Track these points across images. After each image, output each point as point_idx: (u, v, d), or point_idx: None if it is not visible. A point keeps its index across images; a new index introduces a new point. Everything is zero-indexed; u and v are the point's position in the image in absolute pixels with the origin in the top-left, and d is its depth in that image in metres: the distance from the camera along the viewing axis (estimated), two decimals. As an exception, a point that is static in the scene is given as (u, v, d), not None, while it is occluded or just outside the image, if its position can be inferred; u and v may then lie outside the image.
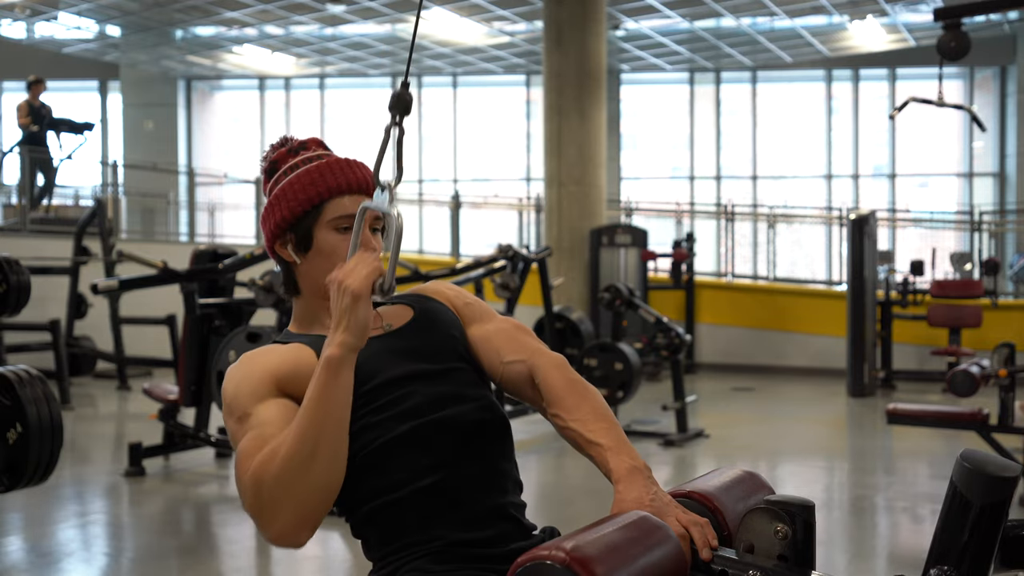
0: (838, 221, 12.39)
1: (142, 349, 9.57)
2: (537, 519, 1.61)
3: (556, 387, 1.52)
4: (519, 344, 1.60)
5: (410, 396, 1.50)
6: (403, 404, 1.49)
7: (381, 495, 1.47)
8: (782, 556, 1.21)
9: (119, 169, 14.67)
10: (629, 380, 6.42)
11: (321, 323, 1.56)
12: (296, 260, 1.55)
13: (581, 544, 1.09)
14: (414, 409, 1.49)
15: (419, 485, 1.46)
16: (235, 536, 4.30)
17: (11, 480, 2.87)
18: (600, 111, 10.88)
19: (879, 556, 4.01)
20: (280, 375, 1.45)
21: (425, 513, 1.46)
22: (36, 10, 13.65)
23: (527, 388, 1.57)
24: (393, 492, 1.47)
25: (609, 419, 1.48)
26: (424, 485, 1.46)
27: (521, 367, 1.57)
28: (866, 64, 16.59)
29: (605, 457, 1.43)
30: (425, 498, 1.46)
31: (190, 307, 5.45)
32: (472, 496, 1.48)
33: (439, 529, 1.45)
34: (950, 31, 5.04)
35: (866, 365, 8.77)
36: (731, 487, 1.42)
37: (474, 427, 1.52)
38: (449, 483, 1.47)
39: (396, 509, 1.47)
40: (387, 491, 1.47)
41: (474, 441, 1.51)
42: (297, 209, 1.52)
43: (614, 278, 10.61)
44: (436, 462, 1.48)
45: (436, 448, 1.48)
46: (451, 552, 1.45)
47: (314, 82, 18.37)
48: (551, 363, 1.55)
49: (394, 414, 1.48)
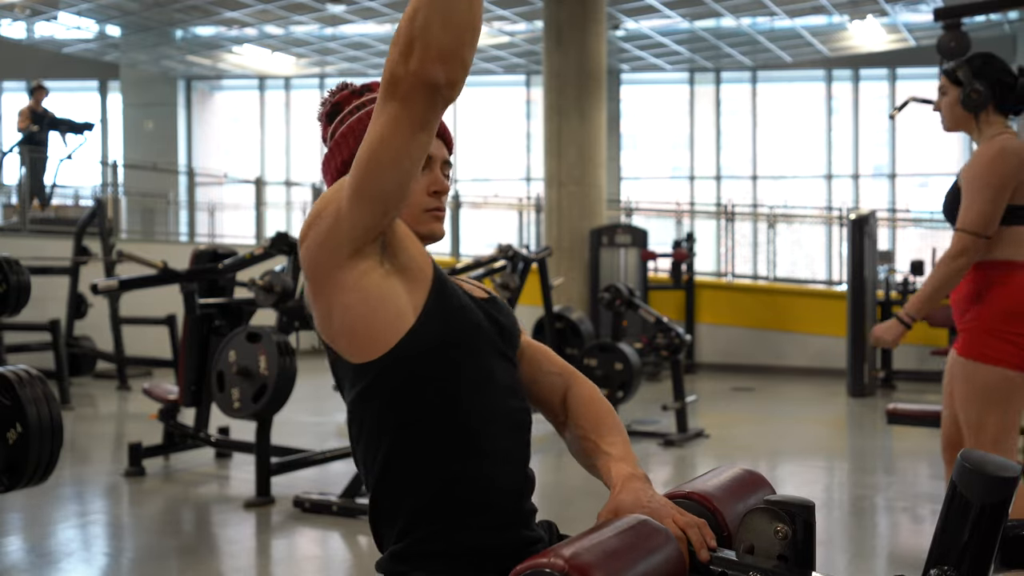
0: (838, 221, 12.39)
1: (142, 349, 9.57)
2: (537, 519, 1.62)
3: (588, 406, 1.60)
4: (556, 359, 1.67)
5: (496, 373, 1.49)
6: (493, 379, 1.48)
7: (432, 471, 1.42)
8: (782, 556, 1.21)
9: (119, 169, 14.68)
10: (629, 380, 6.42)
11: None
12: None
13: (579, 551, 1.09)
14: (502, 389, 1.49)
15: (472, 471, 1.42)
16: (235, 536, 4.30)
17: (11, 480, 2.87)
18: (600, 111, 10.88)
19: (879, 556, 4.01)
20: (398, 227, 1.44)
21: (464, 501, 1.41)
22: (36, 10, 13.65)
23: (555, 400, 1.62)
24: (446, 469, 1.42)
25: (624, 436, 1.56)
26: (475, 471, 1.42)
27: (558, 380, 1.63)
28: (866, 64, 16.59)
29: (609, 465, 1.49)
30: (471, 486, 1.42)
31: (190, 307, 5.45)
32: (513, 490, 1.47)
33: (472, 518, 1.41)
34: (950, 31, 5.04)
35: (866, 365, 8.77)
36: (731, 487, 1.42)
37: (527, 425, 1.54)
38: (502, 475, 1.45)
39: (442, 491, 1.42)
40: (441, 466, 1.42)
41: (524, 438, 1.52)
42: None
43: (614, 278, 10.61)
44: (495, 449, 1.45)
45: (502, 436, 1.47)
46: (465, 559, 1.40)
47: (314, 82, 18.37)
48: (589, 386, 1.64)
49: (482, 381, 1.46)
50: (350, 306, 1.41)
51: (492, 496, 1.43)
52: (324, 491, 4.75)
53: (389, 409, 1.42)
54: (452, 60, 1.26)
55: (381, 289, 1.40)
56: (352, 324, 1.42)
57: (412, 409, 1.42)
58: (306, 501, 4.53)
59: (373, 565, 1.51)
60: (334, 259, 1.39)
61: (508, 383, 1.51)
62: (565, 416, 1.61)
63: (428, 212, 1.53)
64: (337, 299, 1.41)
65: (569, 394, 1.61)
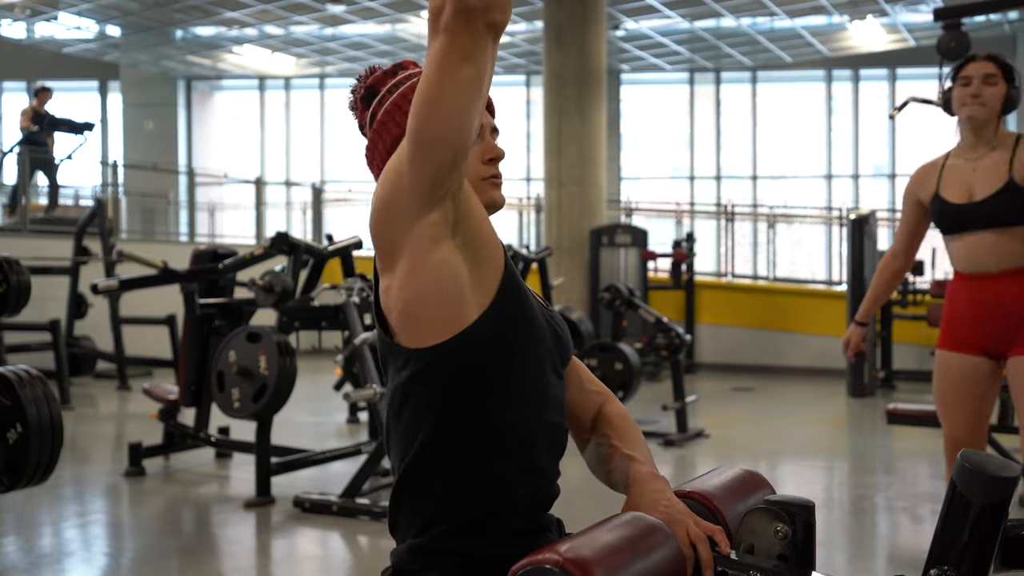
0: (838, 221, 12.39)
1: (142, 349, 9.57)
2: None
3: (619, 421, 1.61)
4: (594, 378, 1.67)
5: (548, 384, 1.46)
6: (543, 391, 1.45)
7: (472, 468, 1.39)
8: (782, 556, 1.21)
9: (119, 169, 14.68)
10: (629, 380, 6.41)
11: None
12: None
13: (576, 546, 1.09)
14: (551, 401, 1.46)
15: (501, 477, 1.40)
16: (235, 536, 4.30)
17: (11, 480, 2.87)
18: (600, 111, 10.88)
19: (879, 556, 4.01)
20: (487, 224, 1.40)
21: (490, 511, 1.39)
22: (36, 10, 13.66)
23: (587, 417, 1.62)
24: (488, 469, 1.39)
25: (648, 450, 1.57)
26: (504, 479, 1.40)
27: (596, 398, 1.63)
28: (866, 64, 16.59)
29: (629, 465, 1.49)
30: (497, 491, 1.39)
31: (190, 307, 5.45)
32: (534, 505, 1.45)
33: (491, 523, 1.39)
34: (950, 31, 5.04)
35: (866, 365, 8.77)
36: (731, 487, 1.42)
37: (563, 444, 1.52)
38: (538, 486, 1.44)
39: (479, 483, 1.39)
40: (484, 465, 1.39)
41: (558, 454, 1.51)
42: None
43: (614, 278, 10.61)
44: (534, 464, 1.44)
45: (545, 451, 1.46)
46: (474, 567, 1.38)
47: (314, 82, 18.37)
48: (621, 407, 1.65)
49: (535, 396, 1.43)
50: (414, 280, 1.34)
51: (519, 506, 1.41)
52: (324, 491, 4.75)
53: (438, 396, 1.37)
54: None
55: (451, 267, 1.33)
56: (413, 303, 1.35)
57: (461, 404, 1.37)
58: (306, 501, 4.53)
59: (373, 565, 1.51)
60: (400, 224, 1.32)
61: (557, 399, 1.48)
62: (591, 432, 1.61)
63: (486, 180, 1.47)
64: (401, 270, 1.35)
65: (601, 411, 1.61)
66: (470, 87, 1.24)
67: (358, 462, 5.08)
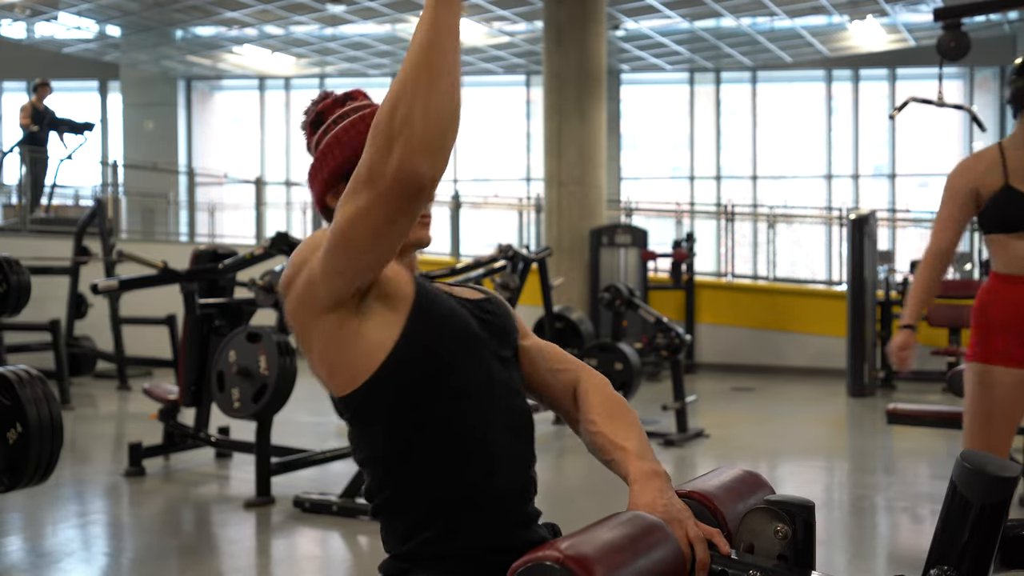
0: (838, 221, 12.39)
1: (142, 349, 9.57)
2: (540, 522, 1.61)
3: (599, 399, 1.57)
4: (564, 355, 1.65)
5: (493, 371, 1.48)
6: (488, 378, 1.46)
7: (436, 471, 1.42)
8: (782, 556, 1.21)
9: (119, 169, 14.68)
10: (629, 380, 6.42)
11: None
12: None
13: (577, 544, 1.09)
14: (499, 386, 1.47)
15: (466, 475, 1.42)
16: (235, 536, 4.30)
17: (11, 480, 2.87)
18: (600, 111, 10.88)
19: (879, 556, 4.01)
20: (385, 275, 1.42)
21: (466, 501, 1.41)
22: (36, 10, 13.66)
23: (567, 397, 1.61)
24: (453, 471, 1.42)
25: (640, 430, 1.54)
26: (469, 476, 1.42)
27: (568, 376, 1.61)
28: (866, 64, 16.59)
29: (627, 459, 1.47)
30: (466, 488, 1.42)
31: (190, 307, 5.45)
32: (513, 490, 1.46)
33: (468, 514, 1.41)
34: (950, 31, 5.04)
35: (866, 365, 8.77)
36: (731, 487, 1.42)
37: (528, 426, 1.52)
38: (501, 475, 1.44)
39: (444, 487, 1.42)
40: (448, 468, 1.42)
41: (525, 438, 1.51)
42: (351, 156, 1.48)
43: (614, 278, 10.61)
44: (496, 451, 1.44)
45: (502, 437, 1.45)
46: (466, 566, 1.40)
47: (314, 82, 18.37)
48: (599, 378, 1.62)
49: (479, 383, 1.44)
50: (329, 349, 1.41)
51: (491, 498, 1.43)
52: (324, 491, 4.75)
53: (383, 426, 1.43)
54: (437, 154, 1.25)
55: (359, 330, 1.40)
56: (332, 363, 1.42)
57: (406, 425, 1.42)
58: (306, 501, 4.53)
59: (373, 565, 1.52)
60: (311, 315, 1.40)
61: (505, 383, 1.50)
62: (577, 412, 1.59)
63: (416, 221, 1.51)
64: (316, 344, 1.42)
65: (579, 389, 1.60)
66: (399, 236, 1.31)
67: (358, 462, 5.07)
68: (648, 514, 1.25)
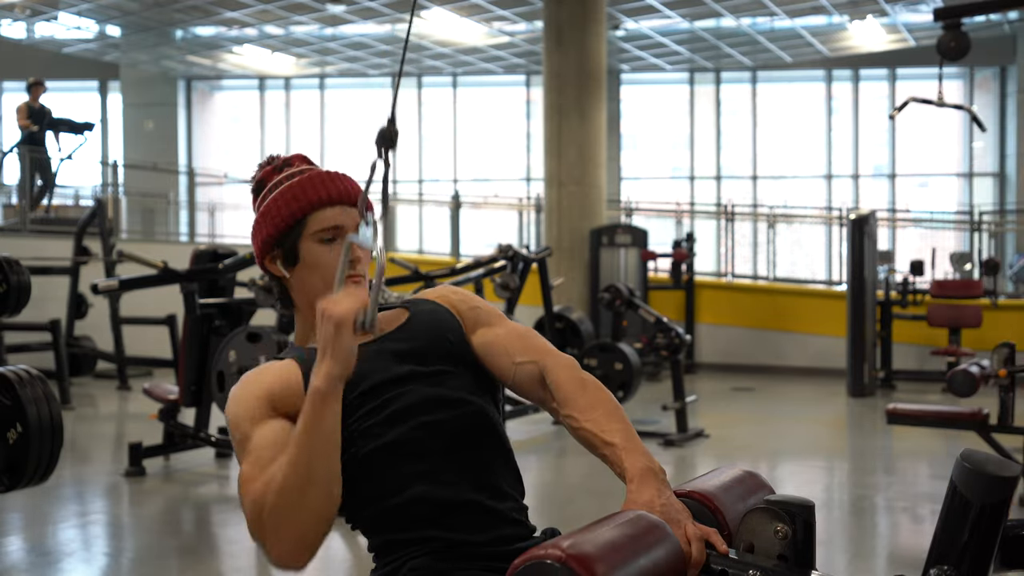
0: (838, 221, 12.39)
1: (142, 349, 9.57)
2: (537, 519, 1.61)
3: (567, 387, 1.51)
4: (529, 344, 1.59)
5: (399, 398, 1.51)
6: (392, 406, 1.50)
7: (375, 502, 1.49)
8: (782, 556, 1.21)
9: (119, 169, 14.68)
10: (629, 380, 6.41)
11: (315, 336, 1.57)
12: (285, 274, 1.58)
13: (579, 542, 1.09)
14: (404, 411, 1.50)
15: (410, 493, 1.47)
16: (235, 536, 4.29)
17: (11, 480, 2.87)
18: (600, 111, 10.88)
19: (879, 556, 4.01)
20: (274, 394, 1.47)
21: (420, 519, 1.47)
22: (36, 10, 13.66)
23: (538, 388, 1.56)
24: (385, 499, 1.48)
25: (622, 419, 1.47)
26: (415, 493, 1.47)
27: (532, 368, 1.56)
28: (866, 64, 16.59)
29: (619, 457, 1.42)
30: (418, 505, 1.47)
31: (190, 307, 5.45)
32: (465, 502, 1.49)
33: (435, 531, 1.47)
34: (950, 31, 5.04)
35: (866, 365, 8.77)
36: (731, 487, 1.42)
37: (463, 433, 1.53)
38: (440, 491, 1.48)
39: (391, 516, 1.48)
40: (380, 498, 1.49)
41: (463, 447, 1.52)
42: (281, 225, 1.55)
43: (614, 278, 10.61)
44: (426, 469, 1.48)
45: (426, 454, 1.49)
46: (453, 551, 1.46)
47: (314, 82, 18.38)
48: (561, 364, 1.55)
49: (382, 419, 1.49)
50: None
51: (454, 502, 1.48)
52: (324, 491, 4.74)
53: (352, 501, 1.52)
54: (303, 554, 1.35)
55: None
56: None
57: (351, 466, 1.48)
58: (306, 501, 4.52)
59: (373, 565, 1.53)
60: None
61: (427, 397, 1.52)
62: (553, 402, 1.55)
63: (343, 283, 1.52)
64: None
65: (547, 379, 1.55)
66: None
67: (358, 462, 5.07)
68: (648, 513, 1.25)
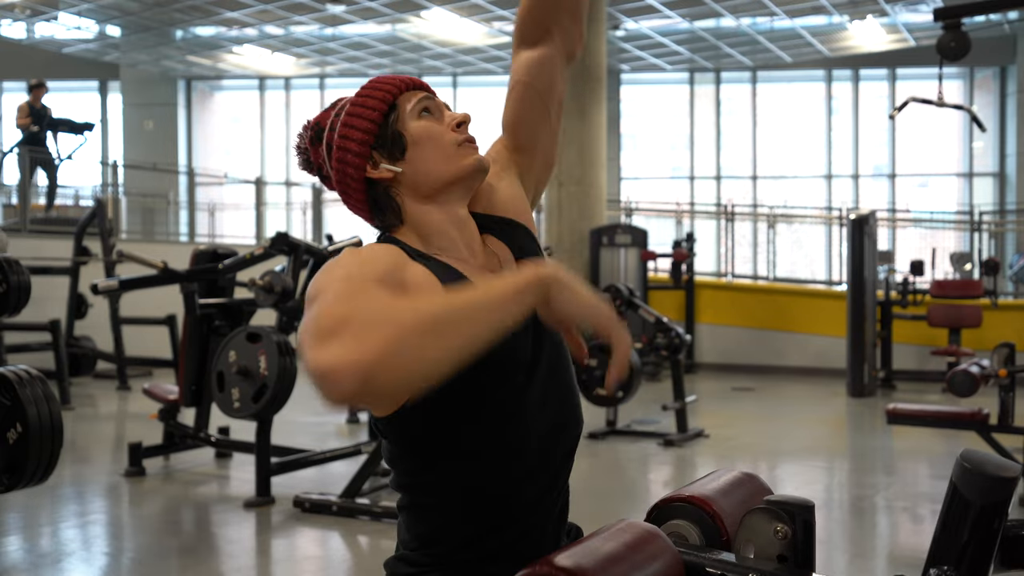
0: (838, 221, 12.40)
1: (142, 349, 9.57)
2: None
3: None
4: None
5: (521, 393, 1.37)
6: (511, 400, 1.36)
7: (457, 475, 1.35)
8: (782, 556, 1.21)
9: (119, 169, 14.68)
10: (629, 380, 6.41)
11: (439, 239, 1.42)
12: (397, 169, 1.41)
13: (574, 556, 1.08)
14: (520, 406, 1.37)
15: (499, 490, 1.36)
16: (235, 536, 4.30)
17: (11, 480, 2.87)
18: (600, 111, 10.88)
19: (879, 556, 4.01)
20: (389, 276, 1.26)
21: (484, 525, 1.36)
22: (36, 10, 13.66)
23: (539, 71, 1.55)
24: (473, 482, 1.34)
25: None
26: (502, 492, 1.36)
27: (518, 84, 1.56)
28: (866, 64, 16.60)
29: None
30: (493, 507, 1.36)
31: (190, 307, 5.45)
32: (539, 528, 1.39)
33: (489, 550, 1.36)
34: (950, 31, 5.04)
35: (866, 365, 8.77)
36: (730, 490, 1.42)
37: (572, 450, 1.45)
38: (522, 501, 1.37)
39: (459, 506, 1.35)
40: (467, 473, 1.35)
41: (555, 449, 1.43)
42: (376, 115, 1.42)
43: (614, 278, 10.61)
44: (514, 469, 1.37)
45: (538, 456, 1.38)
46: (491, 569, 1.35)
47: (314, 82, 18.38)
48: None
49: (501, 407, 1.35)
50: None
51: (514, 516, 1.38)
52: (324, 491, 4.75)
53: (418, 449, 1.36)
54: (369, 385, 1.00)
55: None
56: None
57: (440, 435, 1.35)
58: (306, 501, 4.53)
59: (373, 565, 1.51)
60: None
61: (560, 397, 1.42)
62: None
63: (461, 146, 1.43)
64: None
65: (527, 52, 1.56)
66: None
67: (358, 462, 5.08)
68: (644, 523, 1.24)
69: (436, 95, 1.50)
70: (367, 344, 1.00)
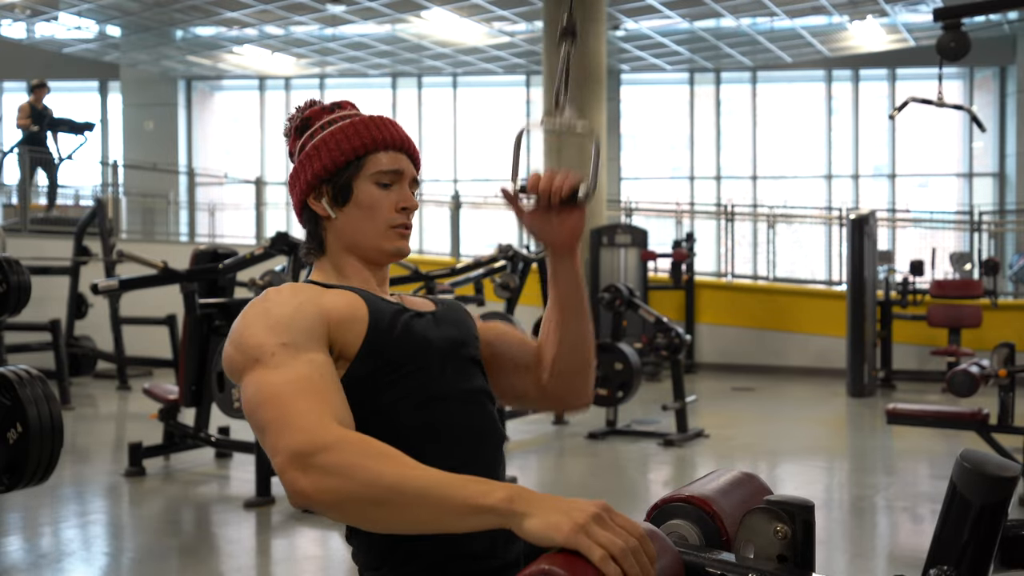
0: (838, 221, 12.39)
1: (142, 349, 9.57)
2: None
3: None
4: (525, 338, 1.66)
5: (446, 385, 1.46)
6: (429, 390, 1.44)
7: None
8: (782, 556, 1.21)
9: (119, 169, 14.68)
10: (629, 380, 6.41)
11: (349, 279, 1.50)
12: (330, 214, 1.49)
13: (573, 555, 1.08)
14: (439, 400, 1.44)
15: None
16: (235, 536, 4.30)
17: (11, 480, 2.87)
18: (600, 111, 10.87)
19: (879, 556, 4.01)
20: (333, 320, 1.37)
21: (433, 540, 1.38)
22: (36, 10, 13.66)
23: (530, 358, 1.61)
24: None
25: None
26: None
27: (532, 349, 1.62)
28: (866, 64, 16.59)
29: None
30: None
31: (190, 307, 5.45)
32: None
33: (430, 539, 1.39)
34: (950, 31, 5.04)
35: (866, 365, 8.77)
36: (730, 490, 1.42)
37: (487, 432, 1.50)
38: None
39: None
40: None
41: (483, 447, 1.49)
42: (339, 159, 1.47)
43: (614, 278, 10.61)
44: (451, 462, 1.41)
45: (455, 446, 1.43)
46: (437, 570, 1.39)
47: (314, 82, 18.37)
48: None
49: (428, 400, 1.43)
50: None
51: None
52: (324, 491, 4.74)
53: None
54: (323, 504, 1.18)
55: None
56: None
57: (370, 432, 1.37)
58: (306, 501, 4.52)
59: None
60: None
61: (461, 393, 1.47)
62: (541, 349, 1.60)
63: (395, 228, 1.49)
64: None
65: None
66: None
67: (358, 462, 5.07)
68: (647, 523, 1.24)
69: (412, 166, 1.54)
70: (339, 484, 1.15)
